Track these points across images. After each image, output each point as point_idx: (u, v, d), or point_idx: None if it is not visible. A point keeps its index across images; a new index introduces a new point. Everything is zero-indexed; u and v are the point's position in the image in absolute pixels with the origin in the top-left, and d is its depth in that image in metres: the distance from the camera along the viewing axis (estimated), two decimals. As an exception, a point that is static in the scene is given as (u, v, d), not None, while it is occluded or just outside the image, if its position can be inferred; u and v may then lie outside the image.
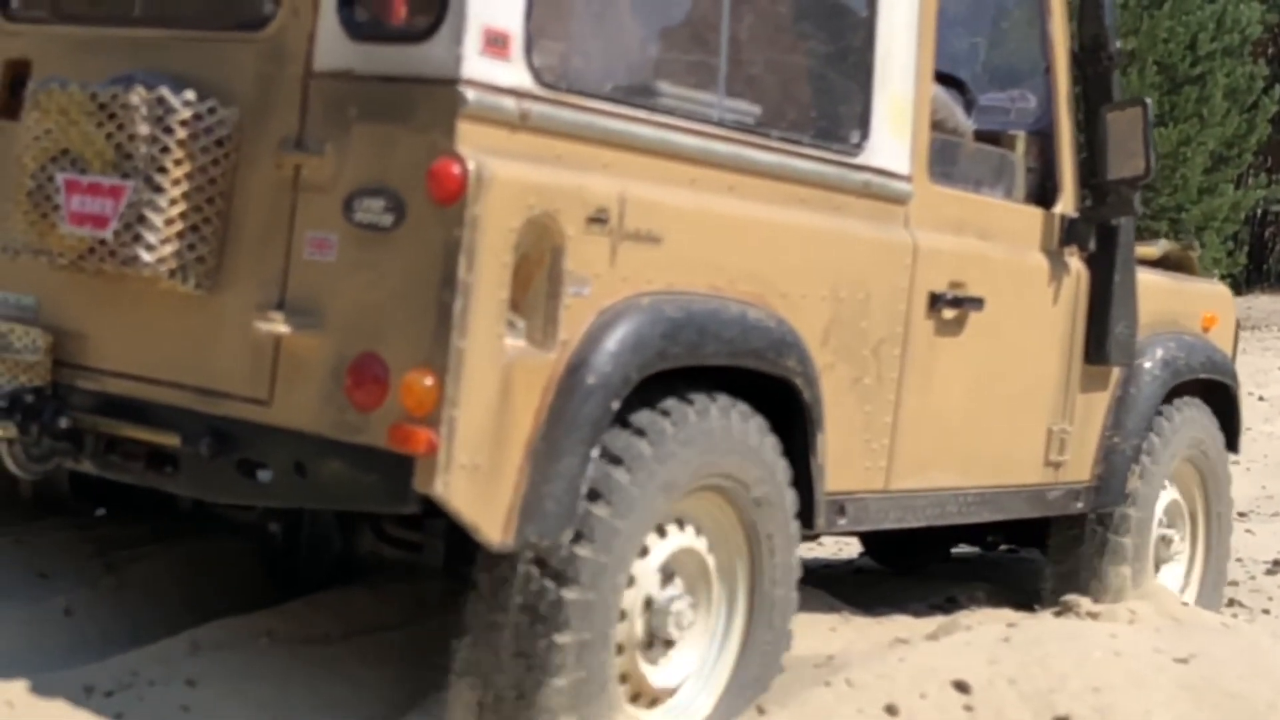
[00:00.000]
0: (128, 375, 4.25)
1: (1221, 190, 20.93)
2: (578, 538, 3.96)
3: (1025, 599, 6.12)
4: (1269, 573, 7.67)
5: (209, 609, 4.66)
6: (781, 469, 4.47)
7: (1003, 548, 7.08)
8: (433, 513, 4.39)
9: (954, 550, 7.09)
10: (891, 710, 4.06)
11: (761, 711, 4.10)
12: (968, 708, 4.09)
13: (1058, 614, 5.68)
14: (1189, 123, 19.89)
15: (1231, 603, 7.07)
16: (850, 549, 7.57)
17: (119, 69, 4.17)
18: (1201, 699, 4.14)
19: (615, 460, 4.02)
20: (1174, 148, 19.88)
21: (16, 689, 4.11)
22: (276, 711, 4.18)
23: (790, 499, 4.52)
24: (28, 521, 5.08)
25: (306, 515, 4.99)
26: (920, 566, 7.00)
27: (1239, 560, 7.70)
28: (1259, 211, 22.97)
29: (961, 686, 4.13)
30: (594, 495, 3.99)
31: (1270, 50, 22.72)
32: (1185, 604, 6.28)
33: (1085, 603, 5.69)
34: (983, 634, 4.66)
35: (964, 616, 5.77)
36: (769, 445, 4.44)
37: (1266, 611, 6.99)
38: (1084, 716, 4.04)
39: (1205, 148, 20.38)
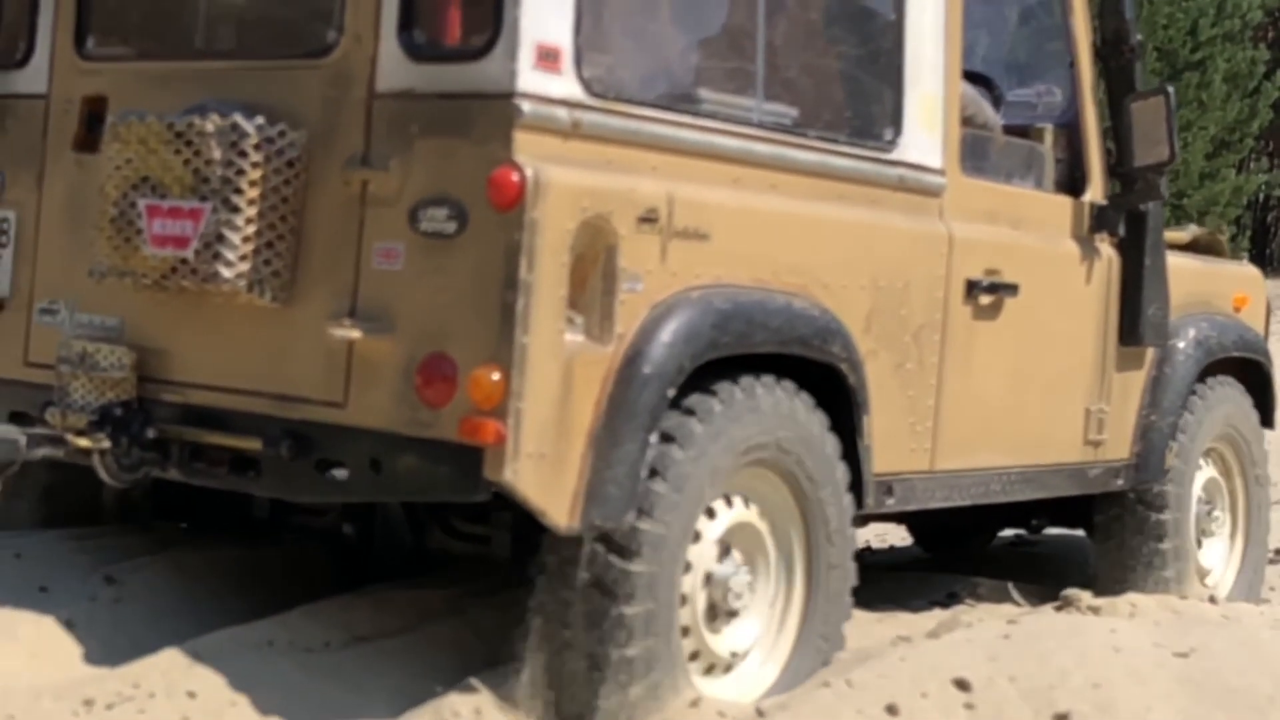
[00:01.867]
0: (209, 386, 4.52)
1: (1223, 176, 20.79)
2: (639, 513, 4.20)
3: (1027, 592, 6.29)
4: (1270, 562, 7.73)
5: (209, 620, 4.70)
6: (831, 444, 4.71)
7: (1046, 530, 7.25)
8: (499, 506, 4.66)
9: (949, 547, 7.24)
10: (892, 710, 4.06)
11: (761, 714, 4.15)
12: (969, 706, 4.08)
13: (1058, 609, 5.76)
14: (1190, 108, 19.76)
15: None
16: (886, 541, 7.76)
17: (191, 100, 4.45)
18: (1202, 693, 4.13)
19: (670, 439, 4.26)
20: (1175, 133, 19.76)
21: (18, 702, 4.18)
22: None
23: (841, 473, 4.75)
24: (26, 534, 5.15)
25: (378, 515, 5.24)
26: (966, 552, 7.21)
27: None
28: (1261, 196, 22.87)
29: (962, 684, 4.13)
30: (652, 473, 4.23)
31: (1271, 35, 22.59)
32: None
33: (1085, 597, 5.79)
34: (983, 631, 4.70)
35: (964, 613, 5.87)
36: (816, 421, 4.67)
37: (1267, 600, 7.07)
38: (1084, 713, 4.02)
39: (1206, 133, 20.27)
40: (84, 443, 4.47)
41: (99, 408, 4.53)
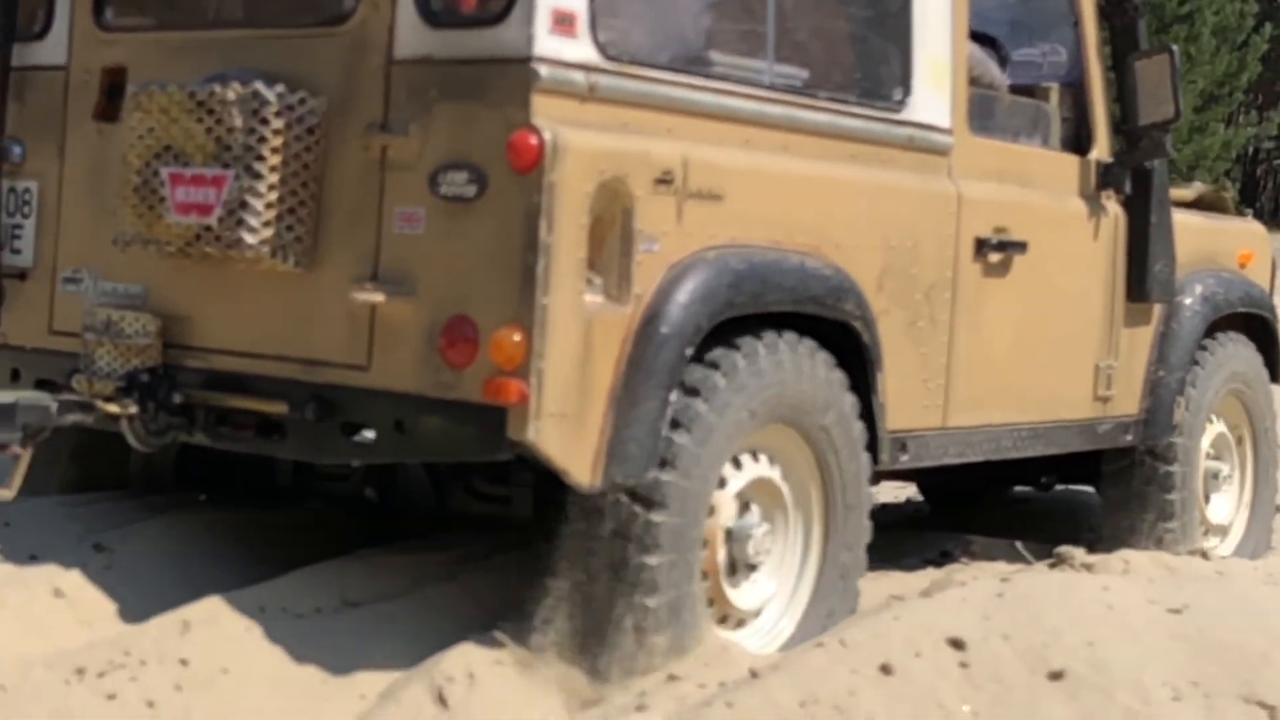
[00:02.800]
0: (233, 352, 4.58)
1: (1212, 129, 20.72)
2: (663, 464, 4.28)
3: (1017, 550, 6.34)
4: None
5: (200, 586, 4.68)
6: (846, 398, 4.79)
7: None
8: (520, 467, 4.74)
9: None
10: (886, 669, 4.04)
11: (755, 674, 4.16)
12: (963, 665, 4.07)
13: (1052, 566, 5.83)
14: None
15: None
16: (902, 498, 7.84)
17: (211, 69, 4.50)
18: (1195, 650, 4.11)
19: (693, 392, 4.34)
20: (1164, 87, 19.69)
21: (8, 671, 4.17)
22: (273, 687, 4.24)
23: (858, 428, 4.83)
24: (16, 502, 5.07)
25: (400, 478, 5.32)
26: (978, 509, 7.28)
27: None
28: (1250, 149, 22.86)
29: (956, 644, 4.11)
30: (675, 425, 4.30)
31: (1260, -13, 22.59)
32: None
33: (1079, 554, 5.84)
34: (977, 589, 4.69)
35: (958, 571, 5.95)
36: (834, 379, 4.75)
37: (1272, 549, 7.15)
38: (1078, 671, 4.02)
39: (1195, 87, 20.19)
40: (113, 408, 4.55)
41: (126, 374, 4.60)
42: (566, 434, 4.15)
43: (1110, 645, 4.10)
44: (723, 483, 4.54)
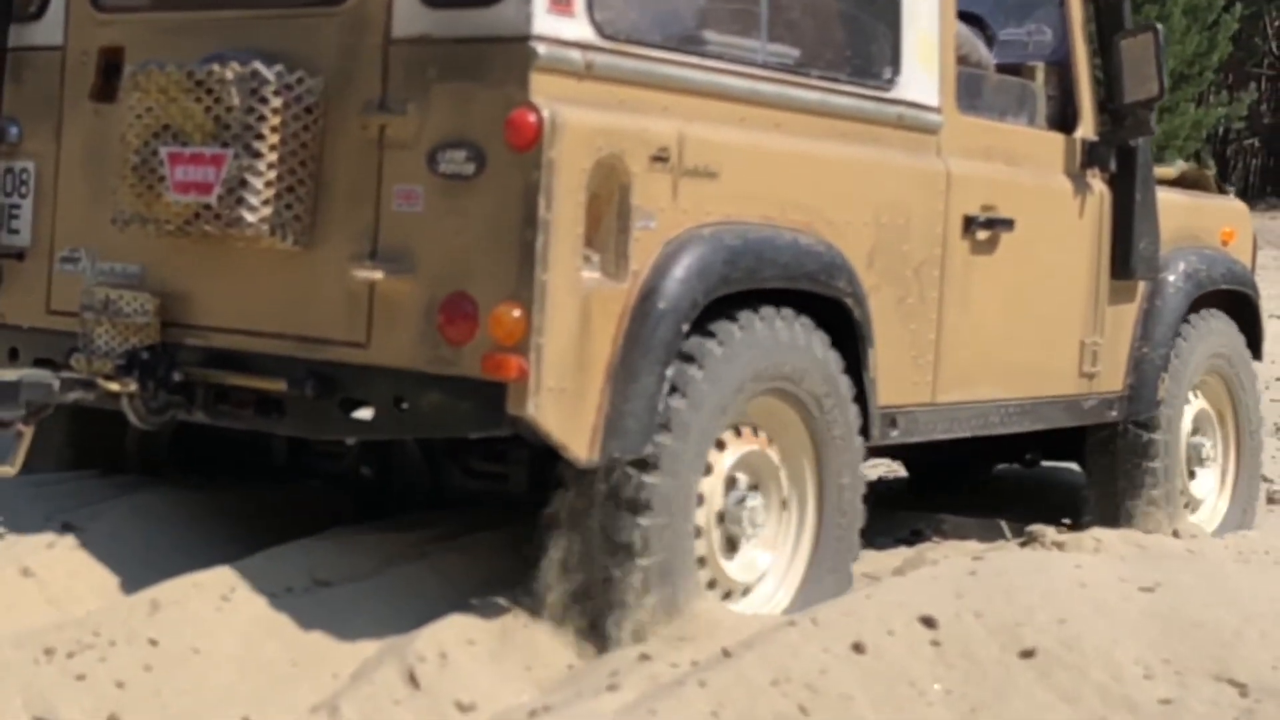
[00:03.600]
0: (232, 330, 4.62)
1: (1182, 109, 20.70)
2: (660, 428, 4.34)
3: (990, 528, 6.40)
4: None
5: (169, 565, 4.65)
6: (836, 370, 4.85)
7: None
8: (516, 443, 4.78)
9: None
10: (858, 648, 4.06)
11: (727, 653, 4.16)
12: (935, 643, 4.08)
13: (1023, 544, 5.90)
14: (1148, 41, 19.72)
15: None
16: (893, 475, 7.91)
17: (207, 49, 4.54)
18: (1168, 627, 4.13)
19: (689, 359, 4.41)
20: (1134, 66, 19.72)
21: None
22: (243, 667, 4.23)
23: (848, 398, 4.89)
24: None
25: (396, 456, 5.36)
26: (962, 488, 7.35)
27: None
28: (1220, 129, 22.94)
29: (928, 622, 4.12)
30: (672, 390, 4.37)
31: (1230, -32, 22.65)
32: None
33: (1050, 533, 5.91)
34: (949, 568, 4.70)
35: (930, 550, 5.97)
36: (825, 351, 4.81)
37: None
38: (1050, 648, 4.03)
39: (1165, 66, 20.33)
40: (114, 386, 4.58)
41: (126, 352, 4.64)
42: (565, 409, 4.20)
43: (1082, 623, 4.11)
44: (720, 447, 4.59)
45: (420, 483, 5.36)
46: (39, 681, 4.02)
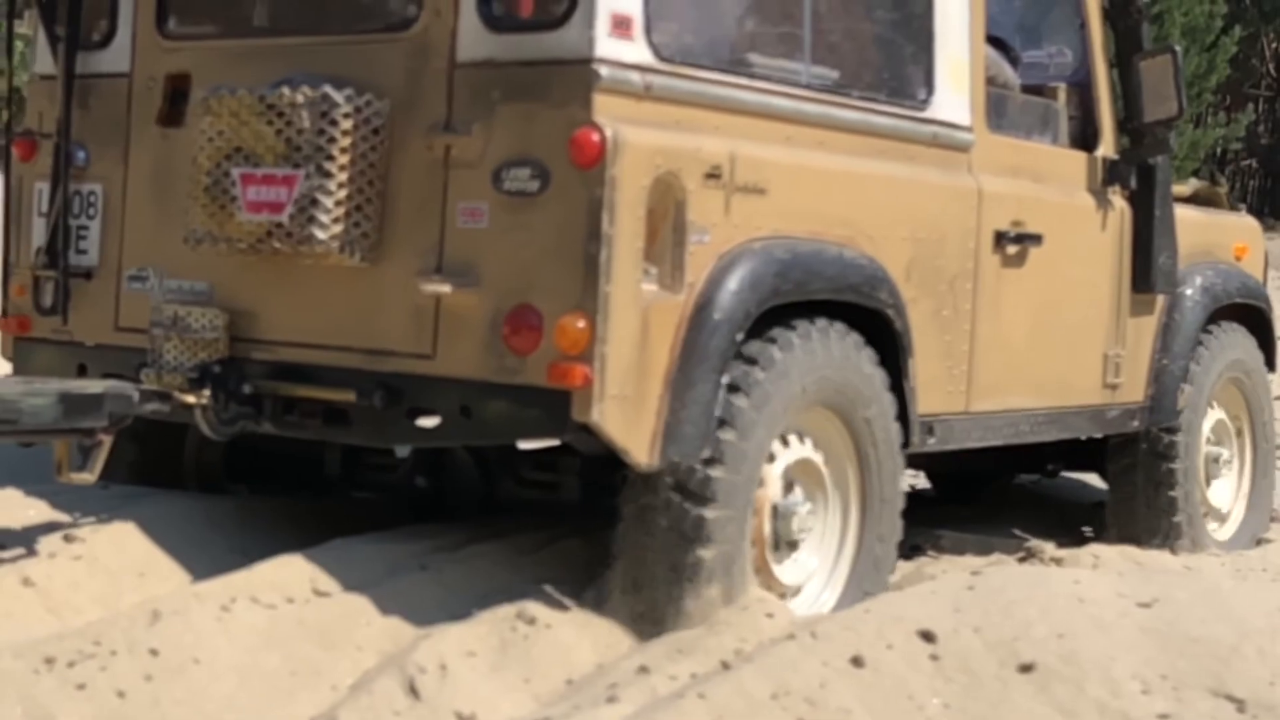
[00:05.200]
0: (298, 343, 4.80)
1: (1180, 130, 20.88)
2: (721, 424, 4.53)
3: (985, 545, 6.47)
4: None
5: (170, 576, 4.73)
6: (880, 383, 5.03)
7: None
8: (566, 452, 4.96)
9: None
10: (857, 661, 4.07)
11: (726, 665, 4.18)
12: (933, 657, 4.09)
13: (1022, 559, 6.00)
14: (1148, 62, 19.87)
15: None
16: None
17: (273, 75, 4.72)
18: (1165, 643, 4.12)
19: (752, 361, 4.61)
20: (1133, 87, 19.81)
21: None
22: (243, 677, 4.24)
23: (891, 411, 5.08)
24: None
25: (449, 467, 5.54)
26: (984, 498, 7.53)
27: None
28: (1219, 150, 23.06)
29: (927, 636, 4.14)
30: (734, 389, 4.57)
31: (1228, -13, 22.80)
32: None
33: (1049, 548, 6.03)
34: (947, 582, 4.73)
35: (928, 564, 6.06)
36: (872, 368, 5.00)
37: (1270, 540, 7.25)
38: (1048, 663, 4.04)
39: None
40: (189, 398, 4.75)
41: (199, 365, 4.81)
42: (627, 416, 4.39)
43: (1080, 638, 4.14)
44: (771, 458, 4.77)
45: (473, 492, 5.53)
46: (39, 691, 4.05)
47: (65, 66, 5.17)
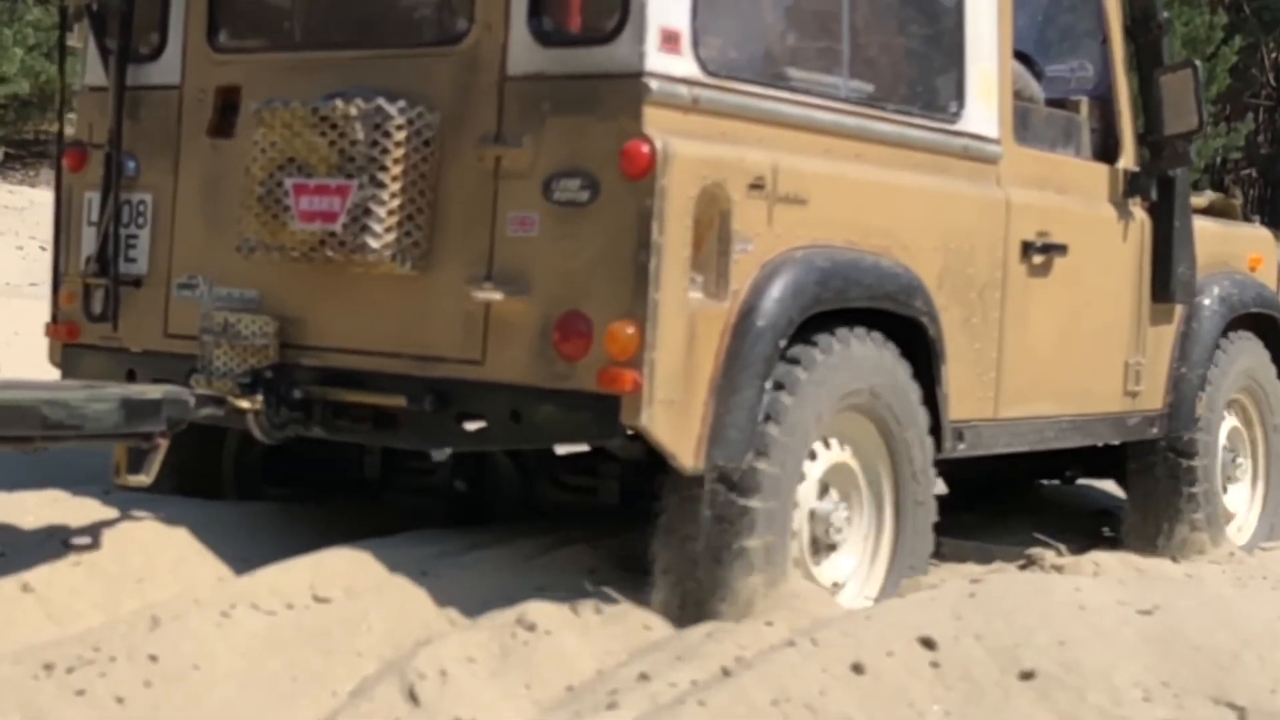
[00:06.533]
0: (348, 350, 4.92)
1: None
2: (767, 419, 4.64)
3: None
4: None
5: (168, 582, 4.73)
6: (914, 390, 5.16)
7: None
8: (605, 457, 5.07)
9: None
10: (858, 668, 4.06)
11: (726, 672, 4.18)
12: (934, 664, 4.09)
13: (1022, 567, 6.05)
14: (1147, 73, 19.92)
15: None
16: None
17: (323, 88, 4.84)
18: (1166, 651, 4.11)
19: (795, 361, 4.73)
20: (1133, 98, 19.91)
21: None
22: (243, 683, 4.23)
23: (923, 417, 5.20)
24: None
25: (488, 470, 5.65)
26: (1003, 504, 7.63)
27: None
28: (1219, 160, 23.19)
29: (928, 643, 4.13)
30: (779, 386, 4.69)
31: (1228, -1, 22.99)
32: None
33: (1050, 556, 6.08)
34: (948, 590, 4.72)
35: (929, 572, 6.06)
36: (899, 363, 5.12)
37: None
38: (1049, 671, 4.03)
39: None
40: (243, 403, 4.86)
41: (250, 371, 4.92)
42: (674, 420, 4.50)
43: (1081, 645, 4.14)
44: (812, 456, 4.89)
45: (513, 496, 5.64)
46: (38, 697, 4.05)
47: (116, 78, 5.28)
